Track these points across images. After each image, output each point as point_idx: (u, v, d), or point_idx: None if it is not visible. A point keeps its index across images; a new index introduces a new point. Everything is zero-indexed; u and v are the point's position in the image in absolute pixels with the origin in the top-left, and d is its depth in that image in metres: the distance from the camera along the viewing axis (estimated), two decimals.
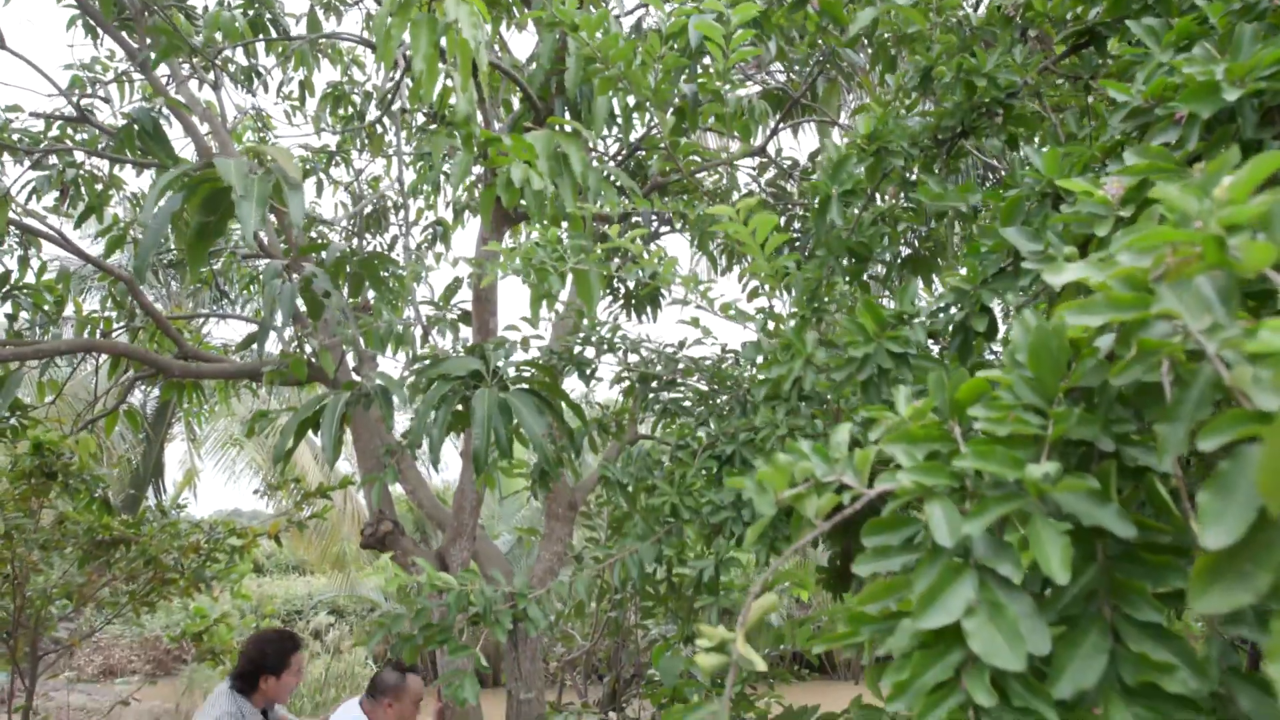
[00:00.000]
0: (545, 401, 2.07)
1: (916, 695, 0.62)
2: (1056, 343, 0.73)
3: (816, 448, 0.74)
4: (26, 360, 3.81)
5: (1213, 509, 0.50)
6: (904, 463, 0.72)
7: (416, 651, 1.70)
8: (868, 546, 0.80)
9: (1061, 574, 0.60)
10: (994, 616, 0.61)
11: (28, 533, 4.28)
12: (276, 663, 3.34)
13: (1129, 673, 0.61)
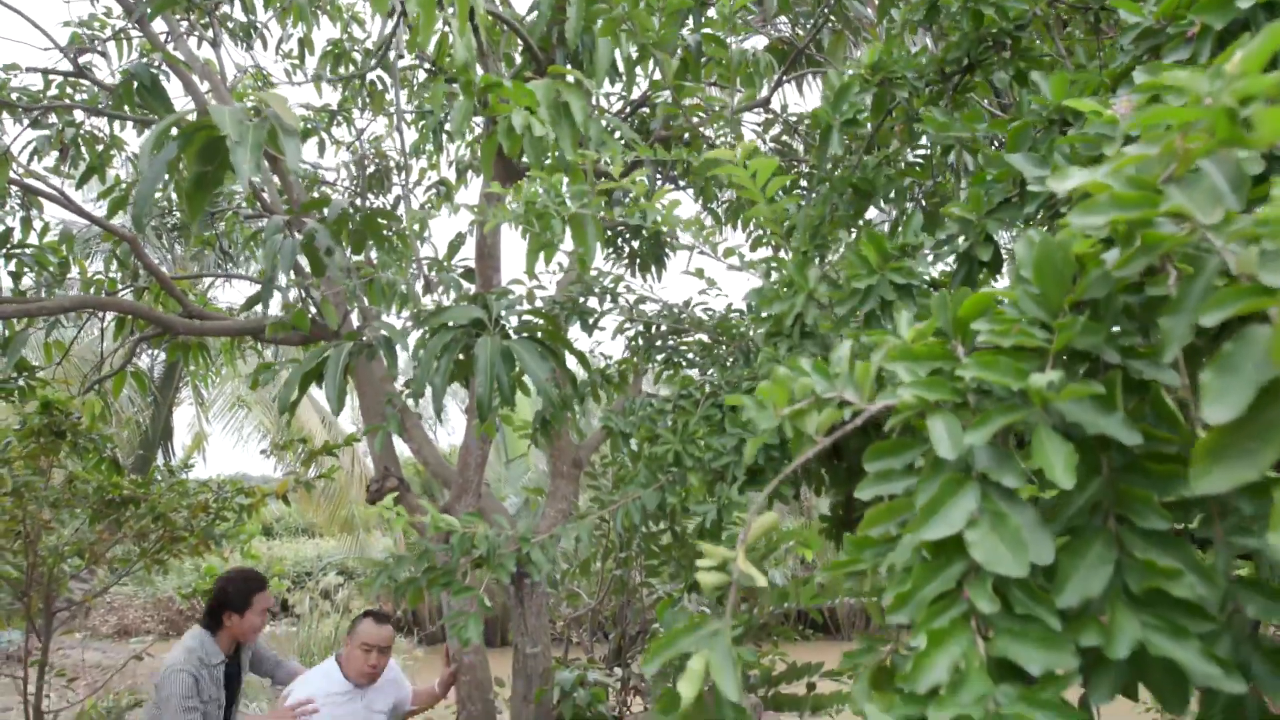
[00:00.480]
0: (548, 349, 2.06)
1: (918, 606, 0.61)
2: (1061, 256, 0.71)
3: (816, 364, 0.73)
4: (31, 317, 3.81)
5: (1216, 386, 0.49)
6: (905, 379, 0.70)
7: (420, 595, 1.71)
8: (870, 471, 0.79)
9: (1066, 479, 0.59)
10: (996, 526, 0.60)
11: (38, 490, 4.31)
12: (240, 601, 3.39)
13: (1135, 580, 0.60)
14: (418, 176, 6.51)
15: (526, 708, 4.05)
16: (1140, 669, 0.59)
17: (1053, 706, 0.53)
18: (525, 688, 4.03)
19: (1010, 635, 0.57)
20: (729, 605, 0.68)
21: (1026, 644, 0.56)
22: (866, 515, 0.76)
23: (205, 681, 3.35)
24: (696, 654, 0.64)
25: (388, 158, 6.43)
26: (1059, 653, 0.55)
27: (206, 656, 3.38)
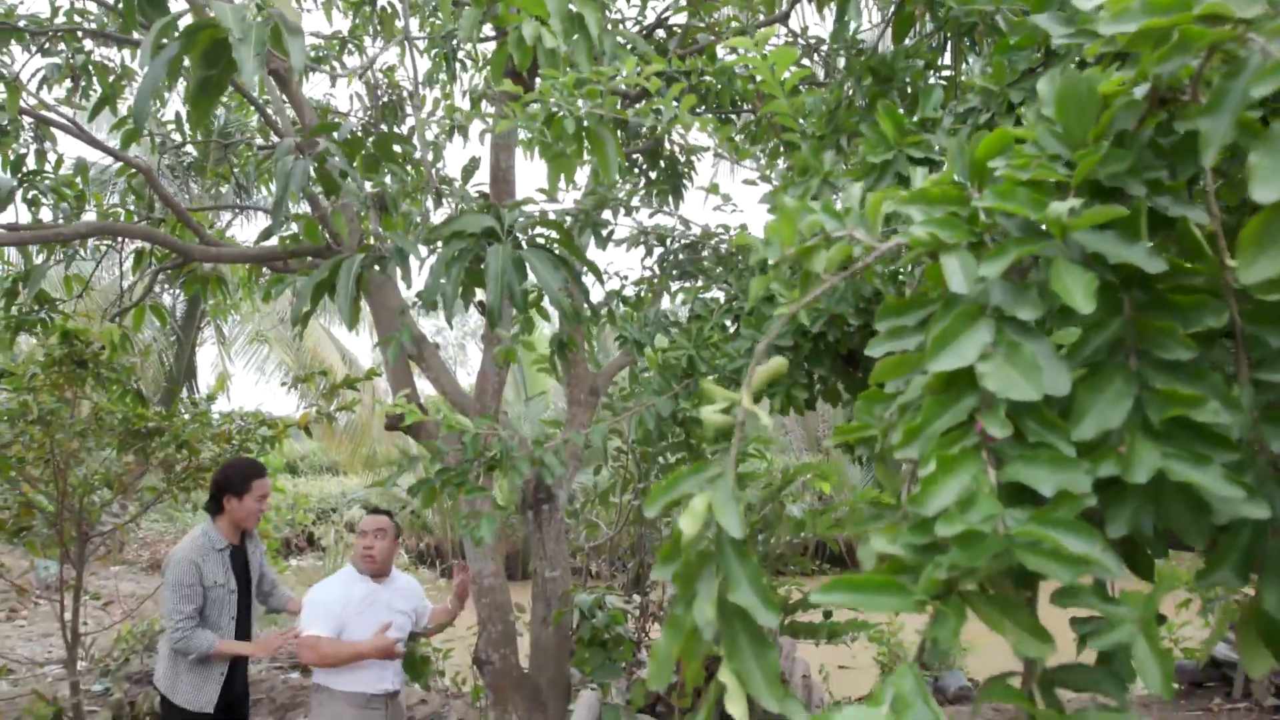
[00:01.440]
0: (561, 260, 2.04)
1: (928, 440, 0.59)
2: (1086, 89, 0.67)
3: (825, 204, 0.70)
4: (49, 245, 3.82)
5: (1265, 165, 0.46)
6: (918, 219, 0.67)
7: (433, 495, 1.72)
8: (881, 330, 0.76)
9: (1086, 304, 0.56)
10: (1010, 357, 0.58)
11: (64, 419, 4.38)
12: (239, 484, 3.53)
13: (1156, 411, 0.58)
14: (431, 107, 6.42)
15: (545, 630, 4.12)
16: (1158, 500, 0.57)
17: (1065, 525, 0.51)
18: (544, 611, 4.09)
19: (1022, 460, 0.55)
20: (733, 449, 0.66)
21: (1038, 466, 0.54)
22: (876, 368, 0.73)
23: (211, 566, 3.48)
24: (699, 494, 0.63)
25: (400, 87, 6.34)
26: (1072, 473, 0.53)
27: (211, 542, 3.52)
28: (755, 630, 0.62)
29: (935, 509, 0.53)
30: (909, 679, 0.53)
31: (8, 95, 4.14)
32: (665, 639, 0.65)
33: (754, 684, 0.60)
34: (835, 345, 1.81)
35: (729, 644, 0.61)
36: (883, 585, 0.57)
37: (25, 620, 8.04)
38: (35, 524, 4.70)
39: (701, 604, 0.60)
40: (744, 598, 0.61)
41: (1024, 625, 0.55)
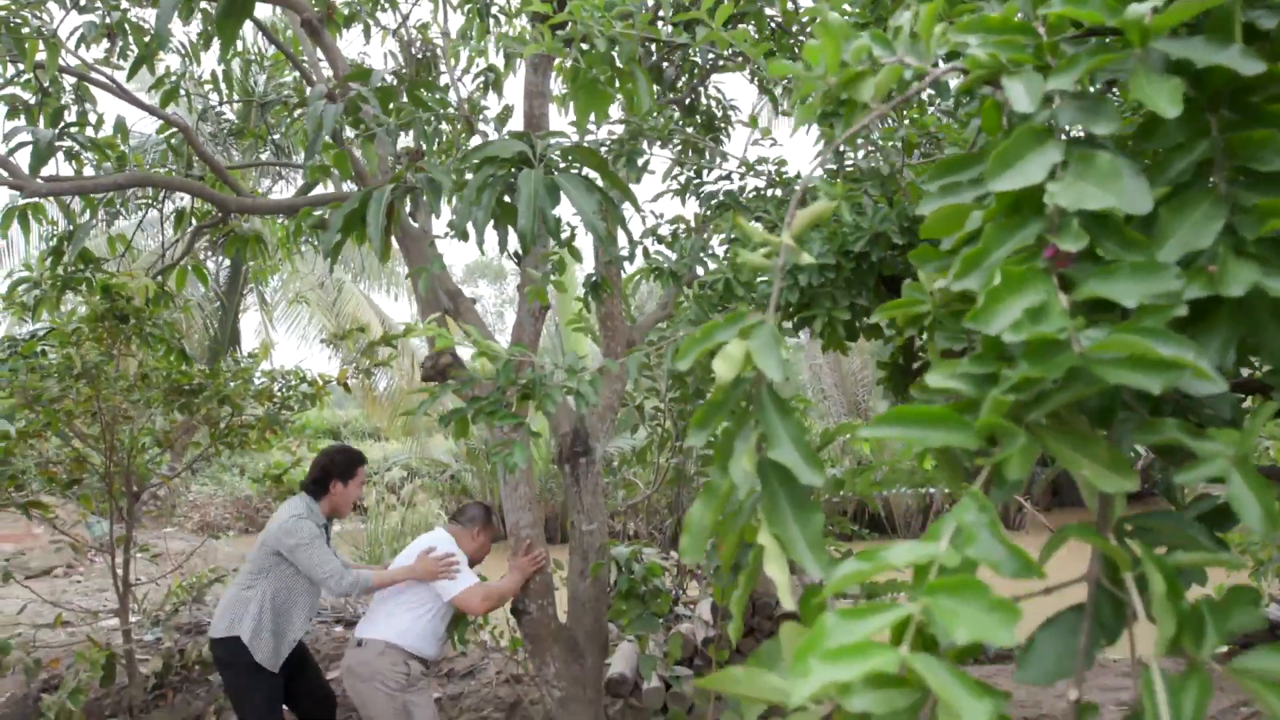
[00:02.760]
0: (595, 185, 1.98)
1: (989, 269, 0.53)
2: None
3: (874, 33, 0.64)
4: (88, 194, 3.86)
5: None
6: (977, 44, 0.61)
7: (465, 426, 1.69)
8: (933, 189, 0.70)
9: (1171, 107, 0.50)
10: (1083, 171, 0.51)
11: (109, 375, 4.45)
12: (346, 470, 3.64)
13: (1250, 228, 0.51)
14: (465, 64, 6.36)
15: (583, 583, 4.12)
16: (1251, 324, 0.51)
17: (1153, 331, 0.45)
18: (582, 564, 4.09)
19: (1099, 277, 0.49)
20: (773, 297, 0.61)
21: (1119, 279, 0.48)
22: (926, 222, 0.67)
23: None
24: (734, 340, 0.58)
25: (434, 44, 6.28)
26: (1159, 279, 0.47)
27: (315, 517, 3.60)
28: (798, 491, 0.57)
29: (1000, 324, 0.48)
30: (973, 509, 0.48)
31: (48, 52, 4.17)
32: (699, 507, 0.60)
33: (796, 549, 0.56)
34: (878, 267, 1.74)
35: (769, 506, 0.56)
36: (939, 417, 0.52)
37: (81, 577, 8.30)
38: (86, 478, 4.81)
39: (738, 459, 0.56)
40: (785, 455, 0.56)
41: (1101, 459, 0.50)
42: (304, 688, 3.85)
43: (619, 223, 2.05)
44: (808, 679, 0.45)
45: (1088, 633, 0.51)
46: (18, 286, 4.84)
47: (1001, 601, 0.44)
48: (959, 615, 0.44)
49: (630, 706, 4.52)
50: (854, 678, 0.44)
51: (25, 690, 4.63)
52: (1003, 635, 0.44)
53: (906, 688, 0.49)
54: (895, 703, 0.48)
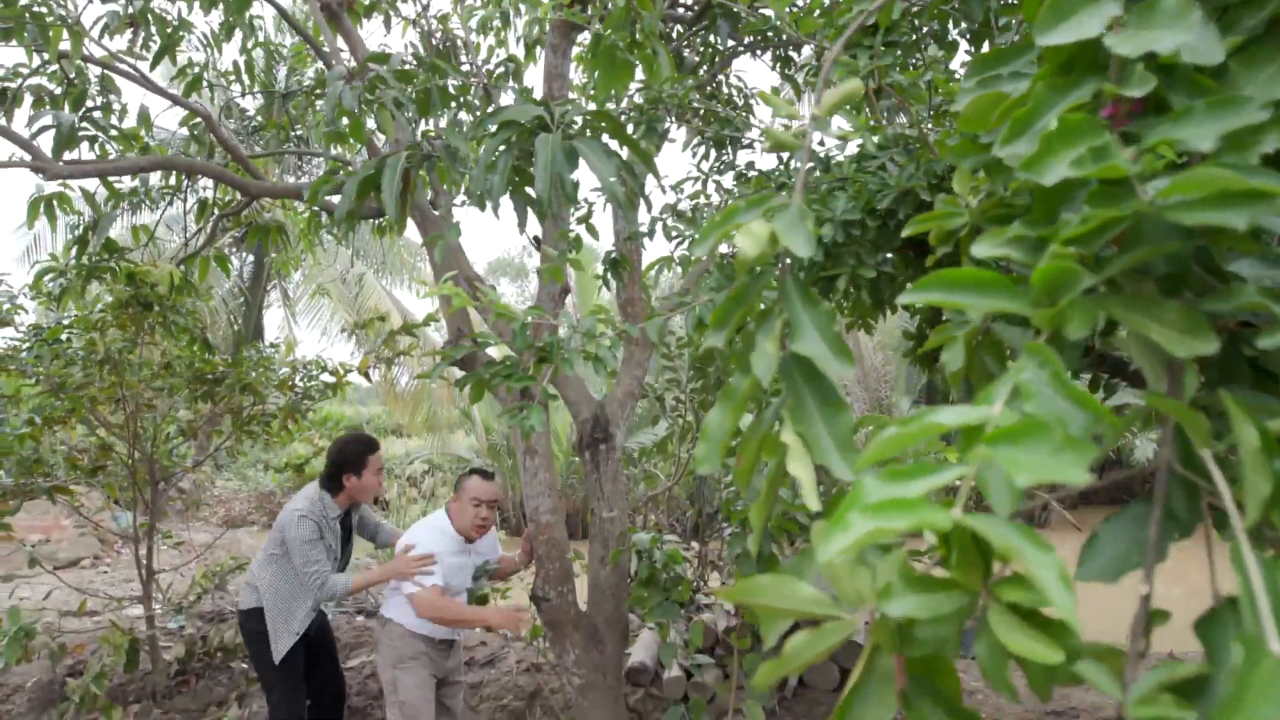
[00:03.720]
0: (614, 151, 1.94)
1: (1042, 131, 0.48)
2: None
3: None
4: (108, 175, 3.87)
5: None
6: None
7: (481, 389, 1.65)
8: (970, 85, 0.65)
9: None
10: (1147, 17, 0.46)
11: (133, 361, 4.47)
12: (356, 461, 3.58)
13: None
14: (486, 54, 6.35)
15: (603, 569, 4.09)
16: None
17: (1237, 165, 0.39)
18: (602, 550, 4.06)
19: (1170, 121, 0.43)
20: (799, 179, 0.56)
21: (1192, 120, 0.43)
22: (965, 112, 0.62)
23: (325, 530, 3.56)
24: (758, 219, 0.53)
25: (455, 36, 6.27)
26: (1240, 112, 0.41)
27: (325, 510, 3.58)
28: (824, 388, 0.53)
29: (1058, 171, 0.42)
30: (1031, 365, 0.42)
31: (71, 41, 4.19)
32: (716, 413, 0.55)
33: (822, 448, 0.51)
34: (904, 226, 1.68)
35: (793, 404, 0.52)
36: (989, 281, 0.46)
37: (108, 567, 8.38)
38: (110, 465, 4.84)
39: (761, 349, 0.51)
40: (811, 346, 0.51)
41: (1172, 321, 0.44)
42: (320, 676, 3.85)
43: (639, 190, 2.00)
44: (846, 531, 0.40)
45: (1157, 521, 0.46)
46: (43, 276, 4.88)
47: (1072, 439, 0.39)
48: (1021, 461, 0.39)
49: (651, 695, 4.48)
50: (901, 528, 0.39)
51: (51, 675, 4.67)
52: (1074, 474, 0.39)
53: (954, 590, 0.44)
54: (941, 606, 0.43)
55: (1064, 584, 0.38)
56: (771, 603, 0.49)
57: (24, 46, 4.33)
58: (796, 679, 4.43)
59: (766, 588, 0.50)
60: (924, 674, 0.48)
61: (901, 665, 0.48)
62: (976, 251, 0.50)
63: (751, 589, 0.50)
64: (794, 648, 0.49)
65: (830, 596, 0.49)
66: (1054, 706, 4.22)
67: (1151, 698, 0.41)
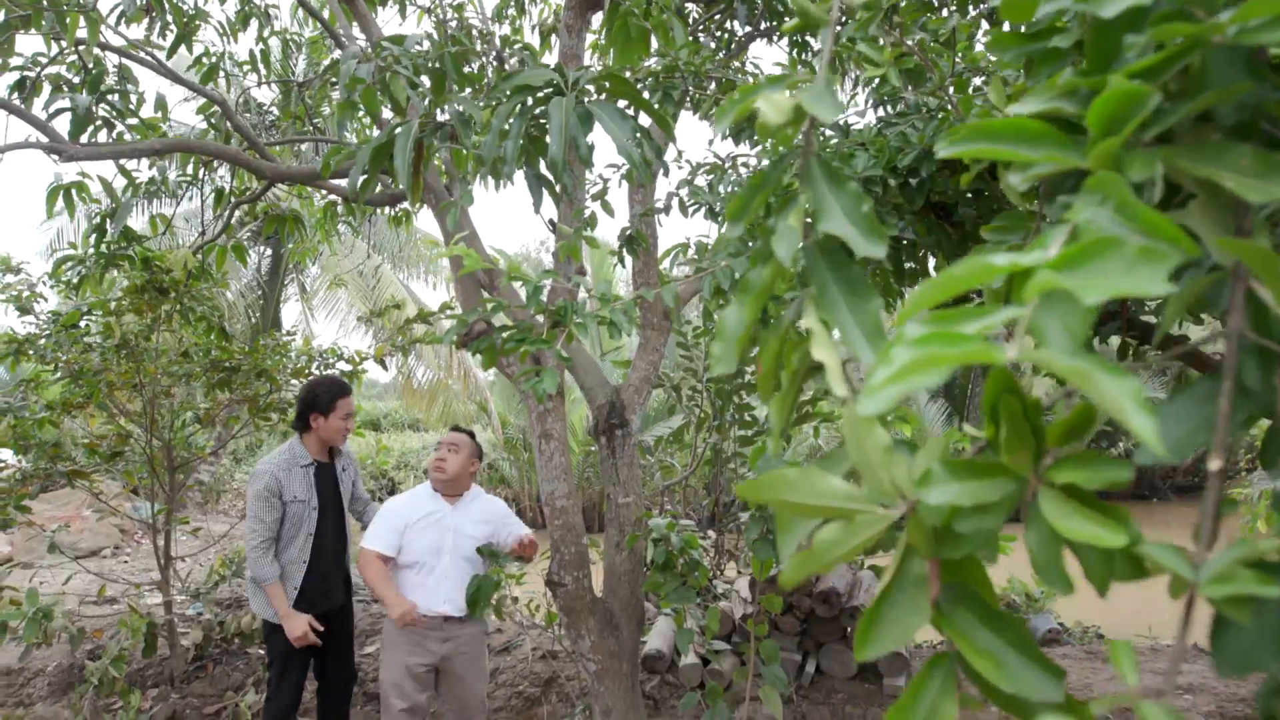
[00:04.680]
0: (629, 115, 1.90)
1: None
2: None
3: None
4: (125, 158, 3.88)
5: None
6: None
7: (494, 354, 1.62)
8: None
9: None
10: None
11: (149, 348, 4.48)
12: (325, 402, 3.58)
13: None
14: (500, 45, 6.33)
15: (619, 555, 4.06)
16: None
17: None
18: (618, 535, 4.02)
19: None
20: (826, 47, 0.52)
21: None
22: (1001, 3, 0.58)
23: (294, 481, 3.53)
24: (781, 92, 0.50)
25: (471, 26, 6.26)
26: None
27: (295, 458, 3.58)
28: (851, 275, 0.49)
29: (1119, 2, 0.38)
30: (1092, 202, 0.38)
31: (88, 27, 4.20)
32: (733, 308, 0.52)
33: (849, 336, 0.47)
34: (927, 185, 1.64)
35: (818, 291, 0.48)
36: (1037, 132, 0.43)
37: (128, 557, 8.45)
38: (129, 451, 4.86)
39: (783, 226, 0.47)
40: (837, 225, 0.48)
41: (1248, 167, 0.40)
42: (330, 661, 3.82)
43: (656, 153, 1.97)
44: (889, 364, 0.36)
45: (1228, 394, 0.41)
46: (63, 264, 4.91)
47: (1148, 248, 0.35)
48: (1091, 280, 0.35)
49: (667, 682, 4.45)
50: (952, 357, 0.35)
51: (71, 660, 4.69)
52: (1153, 284, 0.34)
53: (1001, 475, 0.40)
54: (986, 494, 0.40)
55: (1145, 408, 0.34)
56: (797, 498, 0.45)
57: (42, 34, 4.34)
58: (814, 666, 4.39)
59: (792, 481, 0.46)
60: (959, 581, 0.45)
61: (936, 570, 0.44)
62: (1019, 108, 0.46)
63: (775, 483, 0.46)
64: (824, 541, 0.45)
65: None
66: (1076, 695, 4.14)
67: (1229, 573, 0.37)
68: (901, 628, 0.44)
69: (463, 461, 3.65)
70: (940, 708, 0.43)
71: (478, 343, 1.64)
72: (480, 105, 1.98)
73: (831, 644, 4.39)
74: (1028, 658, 0.43)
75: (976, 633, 0.44)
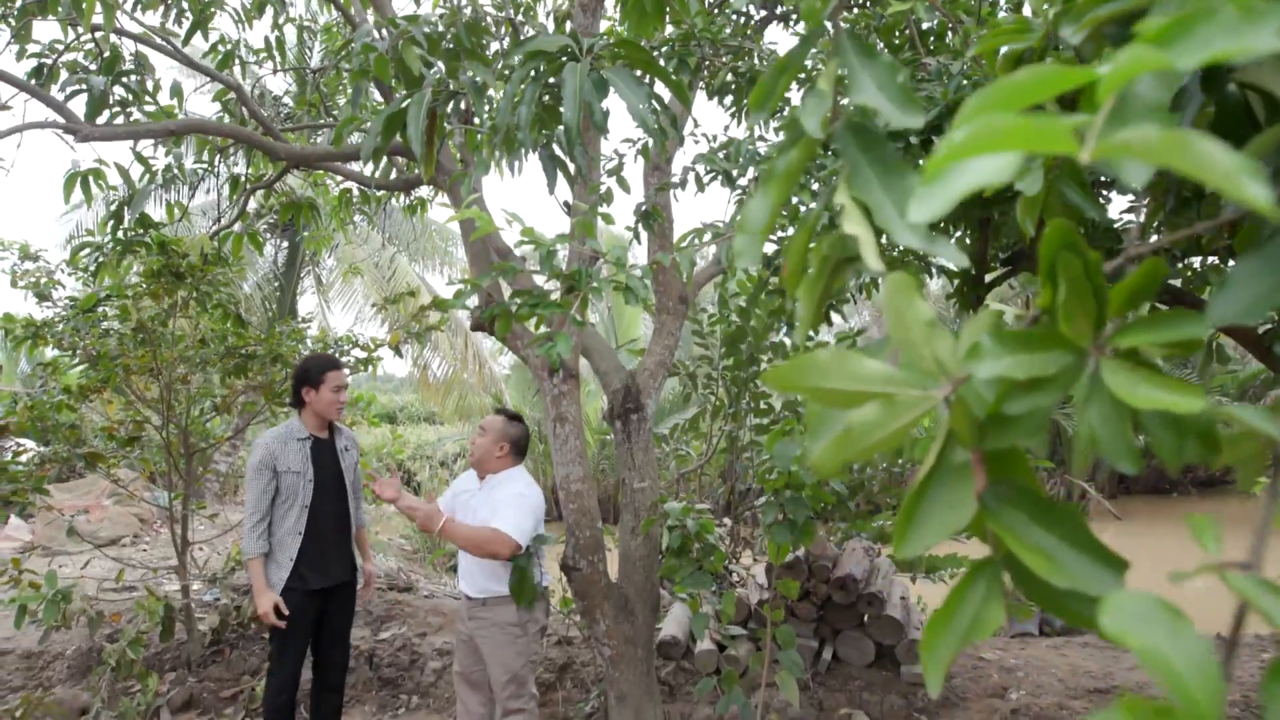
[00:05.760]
0: (644, 82, 1.87)
1: None
2: None
3: None
4: (139, 139, 3.88)
5: None
6: None
7: (508, 321, 1.59)
8: None
9: None
10: None
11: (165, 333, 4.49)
12: (315, 376, 3.66)
13: None
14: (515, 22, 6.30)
15: (634, 540, 4.03)
16: None
17: None
18: (633, 520, 4.00)
19: None
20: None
21: None
22: None
23: (290, 454, 3.59)
24: None
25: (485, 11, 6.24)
26: None
27: (291, 432, 3.66)
28: (886, 154, 0.46)
29: None
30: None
31: (104, 12, 4.20)
32: (756, 198, 0.48)
33: (883, 214, 0.44)
34: None
35: (849, 170, 0.44)
36: None
37: (147, 545, 8.51)
38: (145, 436, 4.88)
39: (812, 97, 0.44)
40: (869, 97, 0.44)
41: None
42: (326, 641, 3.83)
43: (671, 122, 1.93)
44: (946, 146, 0.32)
45: None
46: (80, 251, 4.93)
47: (1248, 6, 0.31)
48: (1187, 43, 0.31)
49: (682, 669, 4.42)
50: (1018, 133, 0.32)
51: (90, 644, 4.72)
52: (1264, 38, 0.30)
53: (1058, 347, 0.37)
54: (1042, 367, 0.36)
55: (1258, 175, 0.29)
56: (830, 384, 0.42)
57: (58, 20, 4.35)
58: (831, 653, 4.35)
59: (824, 366, 0.42)
60: (1005, 475, 0.41)
61: (981, 460, 0.41)
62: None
63: (806, 368, 0.43)
64: (862, 423, 0.42)
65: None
66: (1096, 684, 4.09)
67: None
68: (942, 523, 0.41)
69: (488, 443, 3.65)
70: (985, 614, 0.40)
71: (492, 309, 1.61)
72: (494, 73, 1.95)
73: (849, 631, 4.35)
74: (1084, 551, 0.40)
75: (1027, 530, 0.40)
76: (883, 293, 0.44)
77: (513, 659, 3.62)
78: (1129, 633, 0.31)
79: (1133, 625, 0.31)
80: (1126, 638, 0.31)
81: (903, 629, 4.25)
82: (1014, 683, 4.16)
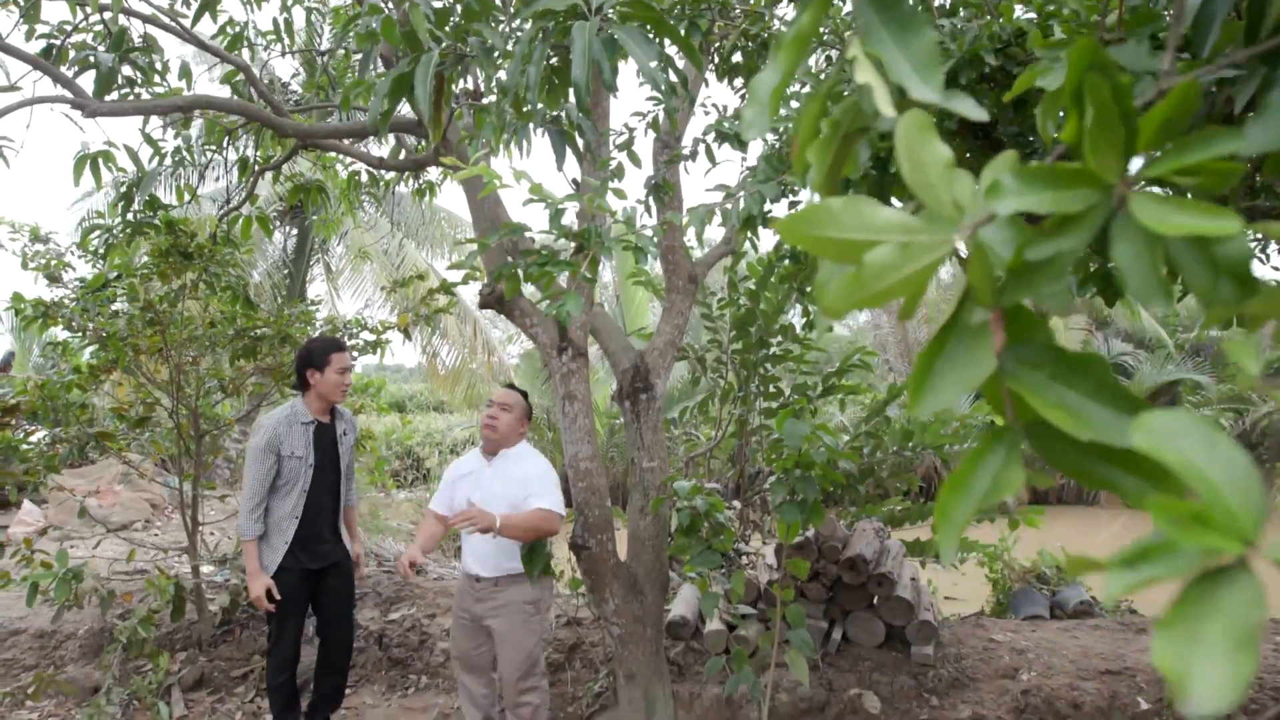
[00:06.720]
0: (654, 40, 1.85)
1: None
2: None
3: None
4: (148, 116, 3.88)
5: None
6: None
7: (517, 284, 1.58)
8: None
9: None
10: None
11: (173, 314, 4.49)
12: (319, 358, 3.66)
13: None
14: None
15: (643, 519, 4.02)
16: None
17: None
18: (642, 500, 3.99)
19: None
20: None
21: None
22: None
23: (293, 437, 3.60)
24: None
25: None
26: None
27: (296, 415, 3.67)
28: (901, 11, 0.44)
29: None
30: None
31: None
32: (768, 67, 0.47)
33: (898, 70, 0.42)
34: None
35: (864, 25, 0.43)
36: None
37: (159, 530, 8.56)
38: (155, 416, 4.89)
39: None
40: None
41: None
42: (327, 620, 3.85)
43: (682, 83, 1.91)
44: None
45: None
46: (91, 233, 4.94)
47: None
48: None
49: (691, 649, 4.41)
50: None
51: (101, 623, 4.75)
52: None
53: (1085, 183, 0.35)
54: (1068, 203, 0.34)
55: None
56: (842, 233, 0.40)
57: (68, 1, 4.35)
58: (841, 634, 4.33)
59: (836, 214, 0.40)
60: (1024, 336, 0.39)
61: (1000, 319, 0.39)
62: None
63: (816, 217, 0.41)
64: (876, 264, 0.40)
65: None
66: (1109, 665, 4.07)
67: None
68: (960, 379, 0.39)
69: (513, 420, 3.68)
70: (1004, 477, 0.38)
71: (500, 268, 1.60)
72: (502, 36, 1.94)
73: (858, 611, 4.33)
74: (1108, 403, 0.38)
75: (1048, 388, 0.39)
76: (897, 135, 0.42)
77: (526, 638, 3.63)
78: (1163, 447, 0.29)
79: (1167, 440, 0.29)
80: (1161, 452, 0.29)
81: (913, 610, 4.24)
82: (1025, 664, 4.14)
